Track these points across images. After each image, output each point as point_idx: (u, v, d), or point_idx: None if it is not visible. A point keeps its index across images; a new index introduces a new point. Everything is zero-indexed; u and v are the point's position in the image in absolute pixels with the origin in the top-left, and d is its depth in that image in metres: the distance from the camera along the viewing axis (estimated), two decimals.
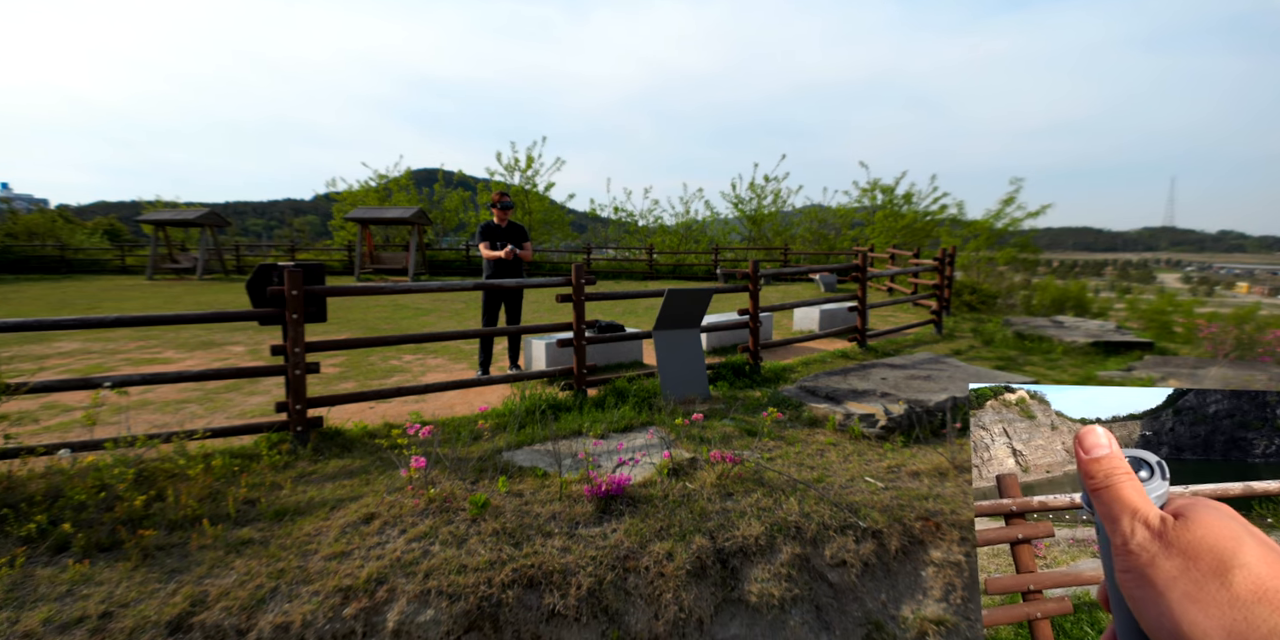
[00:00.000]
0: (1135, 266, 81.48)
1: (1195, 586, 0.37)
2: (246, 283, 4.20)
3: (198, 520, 3.14)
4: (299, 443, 4.10)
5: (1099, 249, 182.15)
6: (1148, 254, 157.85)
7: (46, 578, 2.75)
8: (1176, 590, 0.37)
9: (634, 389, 5.34)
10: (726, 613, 2.99)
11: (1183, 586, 0.37)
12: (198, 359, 7.32)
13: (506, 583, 2.79)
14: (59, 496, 3.17)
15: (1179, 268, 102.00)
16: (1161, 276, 51.38)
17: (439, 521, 3.17)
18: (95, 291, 15.54)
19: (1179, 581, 0.37)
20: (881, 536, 3.36)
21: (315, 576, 2.76)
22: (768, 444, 4.37)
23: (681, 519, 3.29)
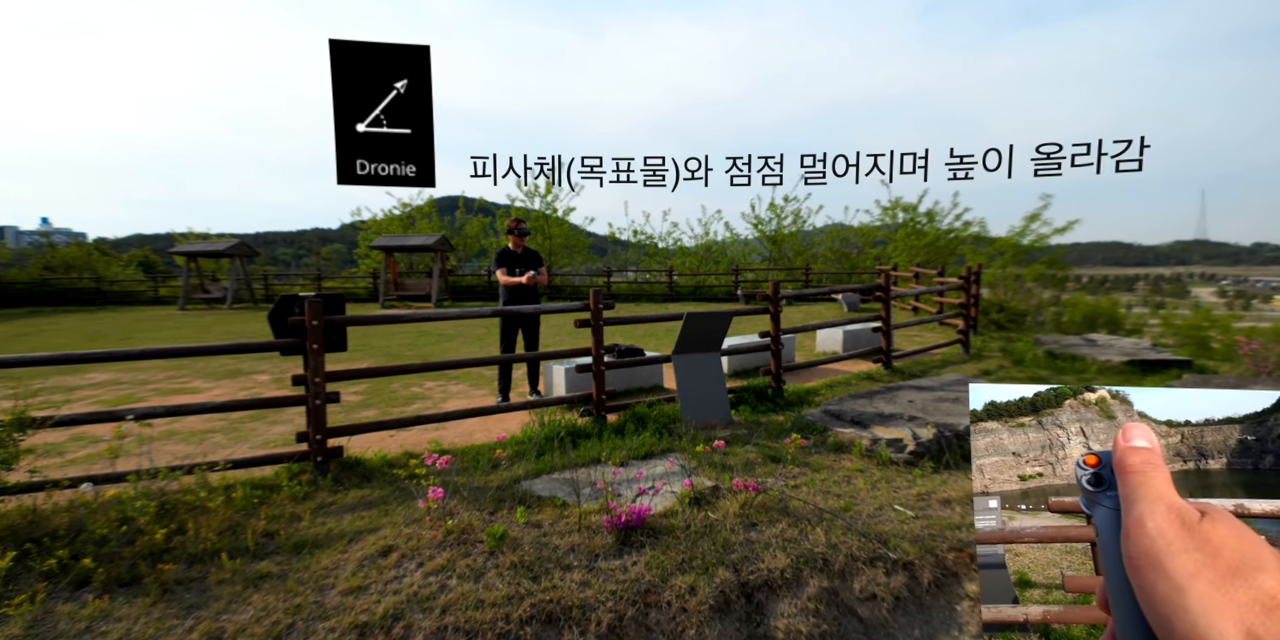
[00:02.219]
0: (1168, 281, 79.69)
1: (1216, 585, 0.36)
2: (269, 314, 4.25)
3: (217, 554, 3.12)
4: (319, 473, 4.10)
5: (1129, 264, 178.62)
6: (1180, 268, 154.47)
7: (66, 614, 2.74)
8: (1197, 586, 0.36)
9: (654, 414, 5.27)
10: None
11: (1203, 583, 0.36)
12: (224, 388, 7.42)
13: (524, 619, 2.72)
14: (81, 530, 3.18)
15: (1213, 282, 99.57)
16: (1196, 291, 50.11)
17: (456, 554, 3.12)
18: (129, 322, 15.93)
19: (1199, 578, 0.37)
20: (913, 568, 3.23)
21: (332, 612, 2.72)
22: (792, 471, 4.26)
23: (704, 551, 3.20)
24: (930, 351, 8.93)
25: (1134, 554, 0.40)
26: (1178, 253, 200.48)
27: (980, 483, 0.72)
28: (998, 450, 0.72)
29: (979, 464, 0.73)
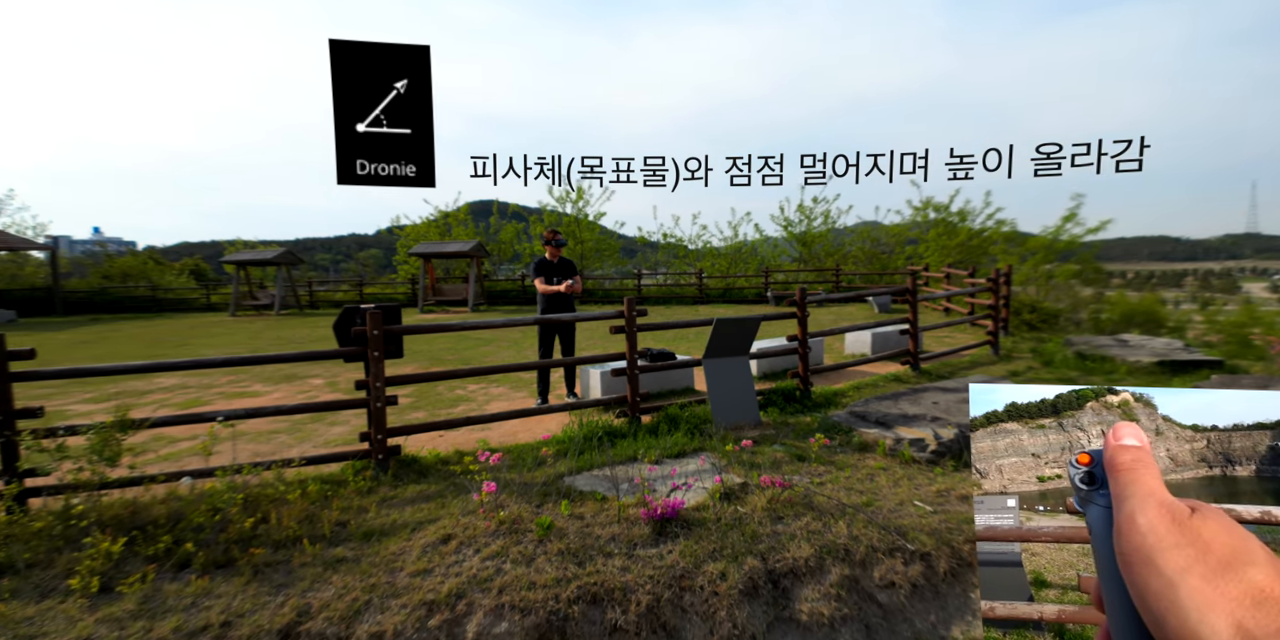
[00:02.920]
0: (1217, 276, 76.80)
1: (1207, 579, 0.37)
2: (333, 324, 4.66)
3: (298, 540, 3.51)
4: (380, 469, 4.48)
5: (1177, 258, 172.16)
6: (1230, 262, 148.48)
7: (173, 591, 3.14)
8: (1188, 581, 0.37)
9: (686, 415, 5.55)
10: (778, 630, 3.15)
11: (1195, 578, 0.37)
12: (282, 391, 7.92)
13: (572, 599, 3.04)
14: (179, 519, 3.59)
15: (1266, 276, 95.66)
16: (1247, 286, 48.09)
17: (509, 542, 3.45)
18: (184, 329, 16.78)
19: (1190, 572, 0.37)
20: (930, 559, 3.46)
21: (402, 591, 3.07)
22: (817, 469, 4.51)
23: (733, 541, 3.47)
24: (960, 353, 9.04)
25: (1126, 551, 0.41)
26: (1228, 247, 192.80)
27: (999, 482, 0.73)
28: (1017, 451, 0.71)
29: (998, 464, 0.73)
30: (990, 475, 0.73)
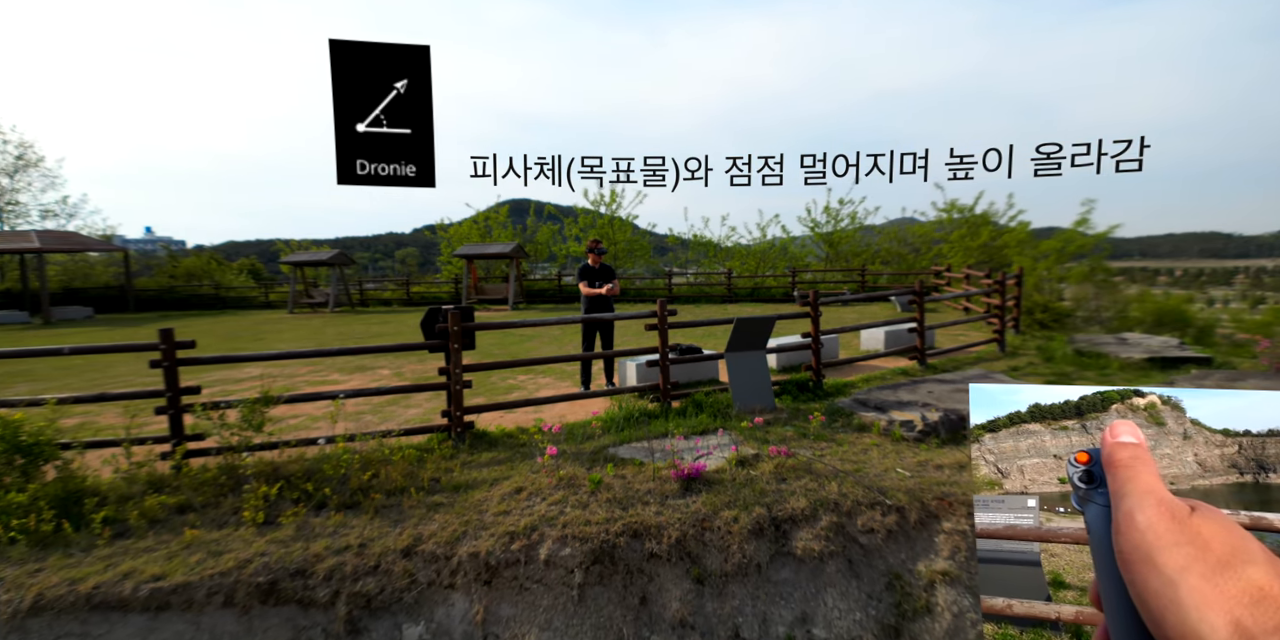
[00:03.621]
0: (1270, 274, 74.37)
1: (1206, 578, 0.37)
2: (420, 321, 5.67)
3: (404, 490, 4.51)
4: (459, 440, 5.48)
5: (1229, 256, 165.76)
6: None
7: (318, 523, 4.16)
8: (1188, 580, 0.37)
9: (709, 401, 6.45)
10: (779, 561, 4.04)
11: (1194, 577, 0.37)
12: (357, 380, 9.02)
13: (618, 533, 3.97)
14: (313, 474, 4.62)
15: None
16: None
17: (568, 493, 4.40)
18: (252, 325, 18.22)
19: (1190, 571, 0.37)
20: (904, 511, 4.30)
21: (489, 525, 4.04)
22: (819, 444, 5.36)
23: (745, 495, 4.37)
24: (968, 349, 9.73)
25: (1125, 549, 0.41)
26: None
27: (1020, 483, 0.73)
28: (1039, 452, 0.71)
29: (1020, 464, 0.73)
30: (1011, 475, 0.73)
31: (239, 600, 3.60)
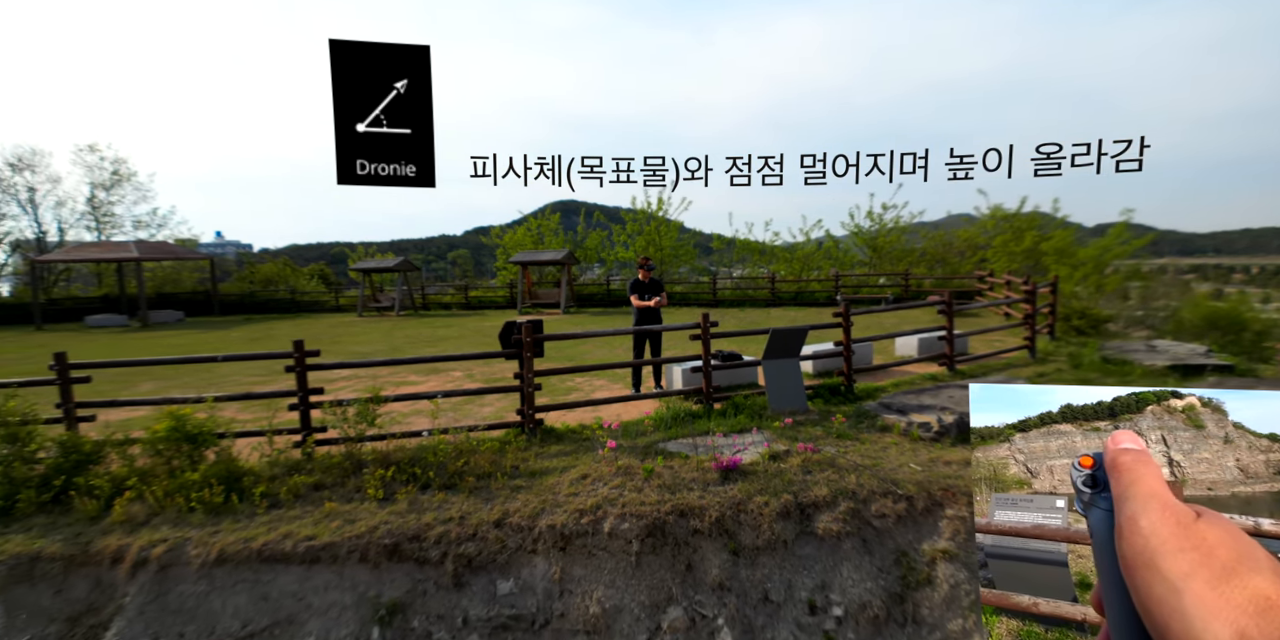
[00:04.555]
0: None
1: (1211, 585, 0.36)
2: (499, 334, 6.64)
3: (491, 475, 5.46)
4: (531, 435, 6.42)
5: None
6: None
7: (425, 499, 5.14)
8: (1192, 587, 0.37)
9: (748, 404, 7.23)
10: (802, 539, 4.81)
11: (1199, 584, 0.37)
12: (433, 382, 10.11)
13: (667, 512, 4.81)
14: (416, 461, 5.62)
15: None
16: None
17: (625, 479, 5.27)
18: (328, 328, 19.76)
19: (1194, 578, 0.37)
20: (912, 500, 5.02)
21: (562, 503, 4.94)
22: (844, 442, 6.09)
23: (775, 484, 5.15)
24: (1000, 355, 10.21)
25: (1128, 553, 0.41)
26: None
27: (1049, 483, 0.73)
28: (1070, 453, 0.69)
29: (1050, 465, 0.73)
30: (1041, 475, 0.74)
31: (370, 557, 4.59)
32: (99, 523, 4.97)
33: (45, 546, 4.72)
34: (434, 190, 6.72)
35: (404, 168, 6.45)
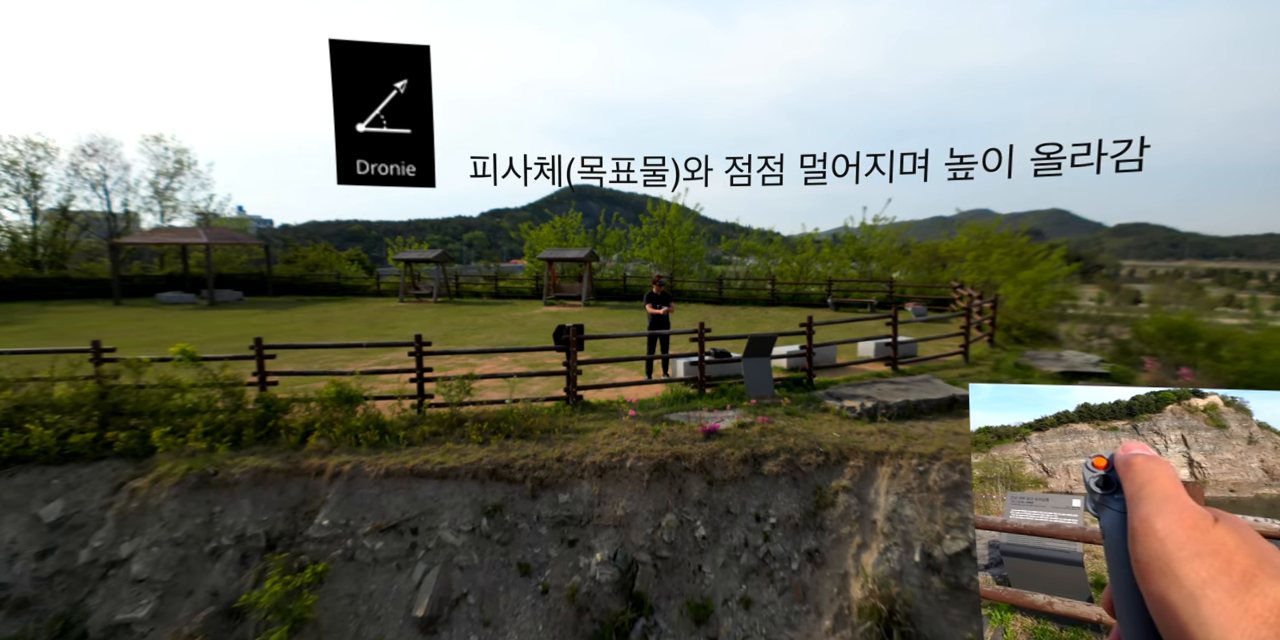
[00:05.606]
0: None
1: (1231, 593, 0.36)
2: (553, 333, 9.28)
3: (550, 430, 8.13)
4: (574, 406, 9.09)
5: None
6: None
7: (509, 444, 7.82)
8: (1210, 594, 0.36)
9: (730, 390, 9.85)
10: (754, 478, 7.45)
11: (1217, 591, 0.36)
12: (489, 365, 12.79)
13: (667, 456, 7.46)
14: (500, 420, 8.29)
15: None
16: None
17: (640, 436, 7.93)
18: (379, 312, 22.53)
19: (1212, 585, 0.36)
20: (829, 454, 7.64)
21: (599, 448, 7.61)
22: (792, 418, 8.71)
23: (739, 442, 7.79)
24: (939, 358, 12.75)
25: (1143, 557, 0.40)
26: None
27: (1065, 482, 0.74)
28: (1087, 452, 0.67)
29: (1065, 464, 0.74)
30: (1057, 475, 0.74)
31: (478, 476, 7.29)
32: (300, 451, 7.70)
33: (270, 463, 7.45)
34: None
35: (404, 168, 6.54)
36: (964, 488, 7.04)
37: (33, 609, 6.77)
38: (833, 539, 7.04)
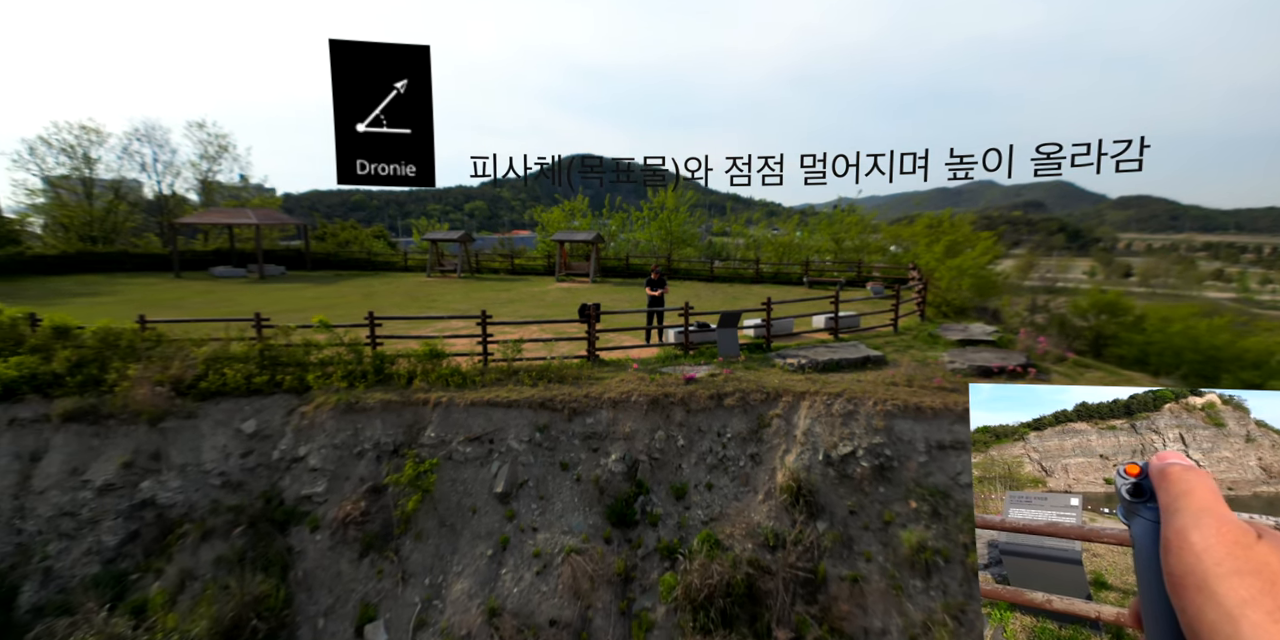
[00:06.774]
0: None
1: (1274, 617, 0.34)
2: (578, 310, 12.79)
3: (578, 378, 11.73)
4: (594, 362, 12.67)
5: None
6: None
7: (552, 386, 11.42)
8: (1251, 616, 0.35)
9: (708, 351, 13.43)
10: (721, 408, 11.06)
11: (1258, 614, 0.35)
12: (518, 332, 16.33)
13: (660, 395, 11.07)
14: (543, 370, 11.86)
15: None
16: None
17: (641, 382, 11.53)
18: (414, 287, 25.98)
19: (1253, 606, 0.35)
20: (770, 394, 11.24)
21: (612, 389, 11.22)
22: (748, 372, 12.29)
23: (708, 385, 11.38)
24: (873, 329, 16.29)
25: (1177, 571, 0.38)
26: None
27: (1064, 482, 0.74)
28: (1085, 451, 0.70)
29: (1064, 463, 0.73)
30: (1055, 474, 0.74)
31: (532, 406, 10.89)
32: (408, 389, 11.29)
33: (391, 397, 11.04)
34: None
35: (404, 168, 6.53)
36: (855, 415, 10.65)
37: (246, 488, 10.44)
38: (767, 447, 10.69)
